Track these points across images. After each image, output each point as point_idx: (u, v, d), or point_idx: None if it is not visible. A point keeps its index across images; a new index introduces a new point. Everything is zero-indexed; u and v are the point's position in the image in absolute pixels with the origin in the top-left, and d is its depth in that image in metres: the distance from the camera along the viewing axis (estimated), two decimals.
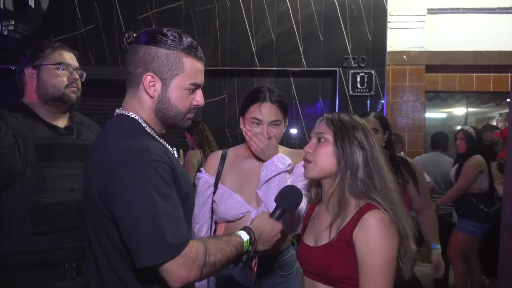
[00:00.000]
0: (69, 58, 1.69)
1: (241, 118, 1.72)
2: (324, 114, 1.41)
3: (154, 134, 1.21)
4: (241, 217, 1.63)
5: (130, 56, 1.18)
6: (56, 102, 1.64)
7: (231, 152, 1.78)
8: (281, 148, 1.77)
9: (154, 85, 1.16)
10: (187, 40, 1.18)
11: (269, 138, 1.63)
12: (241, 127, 1.69)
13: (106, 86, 4.76)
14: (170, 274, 1.01)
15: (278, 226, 1.31)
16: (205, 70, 3.93)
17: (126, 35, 1.20)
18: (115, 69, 4.64)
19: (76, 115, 1.78)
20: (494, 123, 6.35)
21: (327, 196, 1.37)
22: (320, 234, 1.35)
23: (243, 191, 1.67)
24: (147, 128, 1.19)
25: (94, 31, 4.79)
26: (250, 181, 1.68)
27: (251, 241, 1.21)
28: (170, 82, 1.16)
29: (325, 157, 1.33)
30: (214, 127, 4.68)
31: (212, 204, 1.70)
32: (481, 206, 3.58)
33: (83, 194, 1.18)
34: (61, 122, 1.69)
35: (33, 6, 4.68)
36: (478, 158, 3.75)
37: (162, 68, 1.15)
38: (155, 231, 0.99)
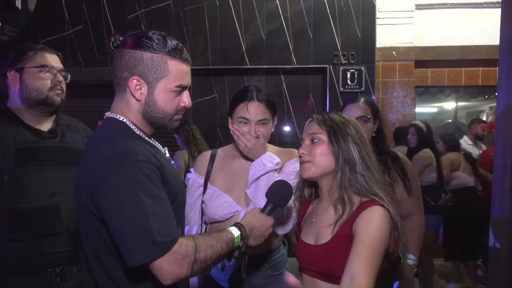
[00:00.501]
0: (53, 60, 1.66)
1: (229, 118, 1.71)
2: (313, 115, 1.41)
3: (143, 136, 1.23)
4: (230, 217, 1.63)
5: (117, 60, 1.20)
6: (40, 105, 1.62)
7: (221, 152, 1.78)
8: (270, 147, 1.78)
9: (140, 88, 1.18)
10: (172, 43, 1.19)
11: (257, 137, 1.62)
12: (229, 127, 1.69)
13: (96, 87, 4.73)
14: (161, 271, 1.03)
15: (269, 220, 1.33)
16: (196, 69, 3.93)
17: (112, 39, 1.21)
18: (104, 70, 4.61)
19: (62, 118, 1.75)
20: (484, 117, 6.42)
21: (327, 194, 1.39)
22: (320, 232, 1.36)
23: (232, 191, 1.67)
24: (135, 130, 1.21)
25: (82, 32, 4.75)
26: (239, 180, 1.68)
27: (242, 236, 1.23)
28: (156, 85, 1.18)
29: (322, 156, 1.34)
30: (205, 126, 4.68)
31: (201, 204, 1.70)
32: (427, 199, 3.61)
33: (76, 197, 1.19)
34: (46, 126, 1.66)
35: (19, 7, 4.62)
36: (425, 151, 3.85)
37: (147, 72, 1.16)
38: (143, 230, 1.01)
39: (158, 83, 1.18)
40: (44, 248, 1.52)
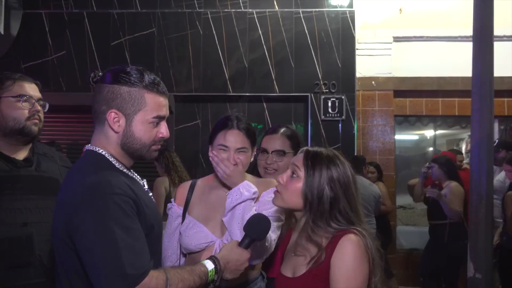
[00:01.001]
0: (31, 89, 1.66)
1: (210, 146, 1.72)
2: (305, 148, 1.42)
3: (122, 168, 1.25)
4: (205, 247, 1.61)
5: (96, 95, 1.23)
6: (16, 135, 1.60)
7: (200, 182, 1.78)
8: (249, 176, 1.78)
9: (119, 121, 1.21)
10: (149, 77, 1.24)
11: (235, 164, 1.63)
12: (209, 154, 1.70)
13: (77, 112, 4.70)
14: None
15: (245, 254, 1.32)
16: (179, 95, 3.96)
17: (92, 74, 1.24)
18: (86, 95, 4.59)
19: (39, 146, 1.73)
20: (463, 145, 6.58)
21: (301, 228, 1.38)
22: (298, 265, 1.35)
23: (208, 221, 1.65)
24: (114, 162, 1.23)
25: (65, 57, 4.75)
26: (217, 211, 1.67)
27: (217, 270, 1.23)
28: (133, 117, 1.22)
29: (293, 194, 1.35)
30: (188, 153, 4.66)
31: (179, 235, 1.68)
32: None
33: (52, 229, 1.20)
34: (21, 154, 1.64)
35: (2, 32, 4.62)
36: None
37: (125, 105, 1.20)
38: (114, 263, 1.02)
39: (136, 115, 1.21)
40: (16, 280, 1.47)
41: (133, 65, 1.28)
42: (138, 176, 1.33)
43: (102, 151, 1.23)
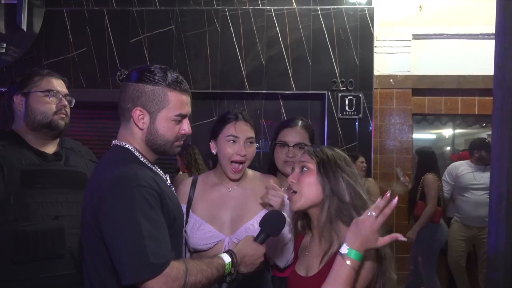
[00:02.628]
0: (58, 85, 1.71)
1: (212, 141, 1.73)
2: (306, 147, 1.44)
3: (146, 163, 1.31)
4: (214, 246, 1.62)
5: (122, 93, 1.29)
6: (44, 129, 1.65)
7: (201, 179, 1.78)
8: (252, 172, 1.80)
9: (143, 118, 1.27)
10: (172, 75, 1.29)
11: (244, 155, 1.65)
12: (212, 150, 1.72)
13: (97, 109, 4.79)
14: None
15: (261, 249, 1.37)
16: (196, 92, 4.00)
17: (118, 73, 1.30)
18: (106, 91, 4.67)
19: (66, 141, 1.79)
20: None
21: (317, 227, 1.39)
22: (311, 264, 1.37)
23: (214, 220, 1.66)
24: (140, 157, 1.29)
25: (85, 54, 4.83)
26: (221, 208, 1.68)
27: (233, 263, 1.28)
28: (157, 115, 1.27)
29: (309, 186, 1.35)
30: (204, 149, 4.68)
31: (184, 233, 1.67)
32: None
33: (81, 219, 1.26)
34: (50, 148, 1.69)
35: (25, 29, 4.73)
36: None
37: (149, 103, 1.25)
38: (138, 251, 1.07)
39: (159, 113, 1.27)
40: (48, 271, 1.52)
41: (151, 62, 1.33)
42: (161, 171, 1.38)
43: (128, 146, 1.29)
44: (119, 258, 1.09)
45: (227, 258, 1.27)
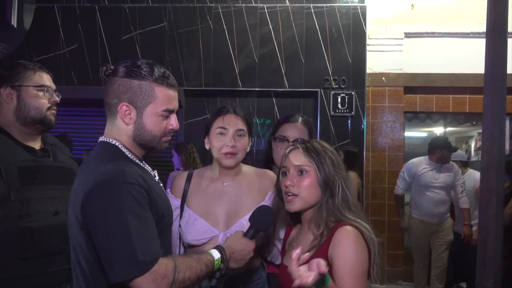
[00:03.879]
0: (49, 80, 1.69)
1: (206, 138, 1.72)
2: (296, 144, 1.44)
3: (134, 159, 1.28)
4: (208, 241, 1.62)
5: (108, 88, 1.26)
6: (36, 124, 1.63)
7: (196, 173, 1.77)
8: (247, 167, 1.79)
9: (130, 114, 1.24)
10: (159, 70, 1.26)
11: (234, 147, 1.63)
12: (206, 146, 1.71)
13: (89, 106, 4.76)
14: None
15: (251, 245, 1.37)
16: (189, 90, 3.98)
17: (104, 68, 1.27)
18: (97, 88, 4.63)
19: (48, 137, 1.76)
20: (473, 142, 6.53)
21: (308, 221, 1.41)
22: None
23: (208, 215, 1.65)
24: (127, 153, 1.27)
25: (77, 51, 4.80)
26: (215, 203, 1.67)
27: (223, 259, 1.28)
28: (144, 110, 1.25)
29: (310, 189, 1.37)
30: (197, 147, 4.68)
31: (178, 227, 1.68)
32: None
33: (68, 216, 1.24)
34: (36, 144, 1.66)
35: (15, 25, 4.67)
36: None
37: (135, 98, 1.23)
38: (126, 249, 1.06)
39: (146, 108, 1.25)
40: (50, 267, 1.53)
41: (144, 59, 1.30)
42: (149, 167, 1.35)
43: (115, 142, 1.27)
44: (106, 256, 1.08)
45: (216, 254, 1.27)
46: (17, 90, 1.61)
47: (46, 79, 1.67)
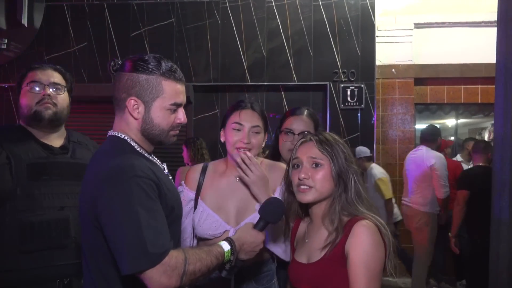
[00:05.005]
0: (43, 75, 1.68)
1: (222, 131, 1.73)
2: (309, 136, 1.43)
3: (143, 152, 1.30)
4: (219, 236, 1.63)
5: (116, 83, 1.28)
6: (31, 121, 1.65)
7: (211, 166, 1.78)
8: (259, 159, 1.78)
9: (138, 108, 1.26)
10: (166, 64, 1.27)
11: (248, 143, 1.63)
12: (221, 139, 1.71)
13: (99, 103, 4.80)
14: (151, 282, 1.09)
15: (260, 236, 1.38)
16: (197, 85, 3.99)
17: (112, 63, 1.32)
18: (107, 86, 4.67)
19: (73, 134, 1.80)
20: (486, 134, 6.44)
21: (319, 215, 1.40)
22: (313, 252, 1.38)
23: (221, 210, 1.66)
24: (136, 147, 1.28)
25: (86, 48, 4.83)
26: (228, 198, 1.68)
27: (233, 251, 1.29)
28: (151, 104, 1.26)
29: (324, 181, 1.36)
30: (206, 142, 4.70)
31: (192, 220, 1.69)
32: None
33: (79, 210, 1.26)
34: (57, 141, 1.70)
35: (26, 24, 4.72)
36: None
37: (143, 92, 1.25)
38: (137, 241, 1.08)
39: (154, 102, 1.26)
40: (53, 260, 1.55)
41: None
42: (158, 160, 1.37)
43: (124, 136, 1.28)
44: (118, 248, 1.10)
45: (226, 246, 1.28)
46: (18, 93, 1.68)
47: (39, 74, 1.67)
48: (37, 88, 1.65)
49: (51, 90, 1.68)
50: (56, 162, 1.63)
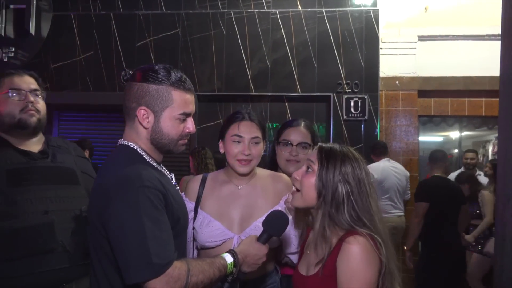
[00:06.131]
0: (22, 82, 1.65)
1: (220, 142, 1.73)
2: (319, 144, 1.40)
3: (152, 162, 1.31)
4: (222, 243, 1.62)
5: (126, 92, 1.30)
6: (15, 129, 1.62)
7: (211, 177, 1.79)
8: (262, 170, 1.79)
9: (148, 117, 1.28)
10: (176, 75, 1.29)
11: (249, 155, 1.64)
12: (220, 151, 1.73)
13: (104, 111, 4.83)
14: None
15: (263, 249, 1.37)
16: (202, 95, 4.04)
17: (123, 73, 1.35)
18: (112, 94, 4.71)
19: (52, 139, 1.76)
20: (490, 146, 6.42)
21: (316, 227, 1.35)
22: (310, 264, 1.36)
23: (223, 217, 1.66)
24: (145, 156, 1.30)
25: (92, 57, 4.88)
26: (230, 206, 1.68)
27: (235, 263, 1.29)
28: (161, 114, 1.28)
29: (309, 188, 1.32)
30: (211, 152, 4.72)
31: (192, 230, 1.68)
32: None
33: (88, 218, 1.28)
34: (35, 147, 1.66)
35: (33, 33, 4.78)
36: None
37: (153, 102, 1.27)
38: (141, 251, 1.09)
39: (163, 112, 1.28)
40: (41, 266, 1.50)
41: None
42: (167, 170, 1.38)
43: (134, 146, 1.30)
44: (122, 257, 1.11)
45: (229, 258, 1.28)
46: None
47: (18, 81, 1.64)
48: (19, 95, 1.62)
49: (32, 97, 1.65)
50: (36, 167, 1.59)
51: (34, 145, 1.67)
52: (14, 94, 1.61)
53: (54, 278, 1.53)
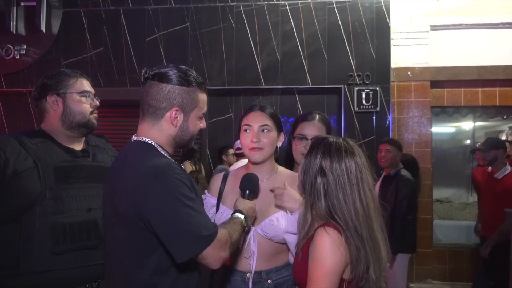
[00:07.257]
0: (88, 85, 1.79)
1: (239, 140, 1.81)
2: (329, 137, 1.44)
3: (167, 155, 1.40)
4: None
5: (153, 92, 1.37)
6: (81, 127, 1.73)
7: (232, 173, 1.86)
8: (284, 169, 1.83)
9: (177, 117, 1.39)
10: (198, 77, 1.43)
11: (257, 142, 1.68)
12: (239, 146, 1.78)
13: (115, 107, 4.85)
14: (211, 258, 1.25)
15: (252, 203, 1.60)
16: (212, 89, 4.04)
17: (143, 71, 1.39)
18: (123, 90, 4.73)
19: (92, 139, 1.86)
20: (503, 137, 6.33)
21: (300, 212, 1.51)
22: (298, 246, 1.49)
23: None
24: (161, 151, 1.39)
25: (103, 53, 4.90)
26: None
27: (245, 218, 1.50)
28: (190, 114, 1.42)
29: (299, 177, 1.45)
30: (220, 145, 4.73)
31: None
32: None
33: (105, 212, 1.37)
34: (77, 146, 1.75)
35: (44, 30, 4.82)
36: None
37: (185, 103, 1.39)
38: (191, 229, 1.22)
39: (192, 112, 1.42)
40: (84, 261, 1.60)
41: (167, 60, 1.42)
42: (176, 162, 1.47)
43: (151, 141, 1.38)
44: (174, 239, 1.22)
45: (241, 215, 1.48)
46: (62, 97, 1.71)
47: (86, 85, 1.77)
48: (90, 99, 1.76)
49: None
50: (80, 165, 1.68)
51: (78, 144, 1.77)
52: (88, 97, 1.75)
53: (97, 272, 1.61)
